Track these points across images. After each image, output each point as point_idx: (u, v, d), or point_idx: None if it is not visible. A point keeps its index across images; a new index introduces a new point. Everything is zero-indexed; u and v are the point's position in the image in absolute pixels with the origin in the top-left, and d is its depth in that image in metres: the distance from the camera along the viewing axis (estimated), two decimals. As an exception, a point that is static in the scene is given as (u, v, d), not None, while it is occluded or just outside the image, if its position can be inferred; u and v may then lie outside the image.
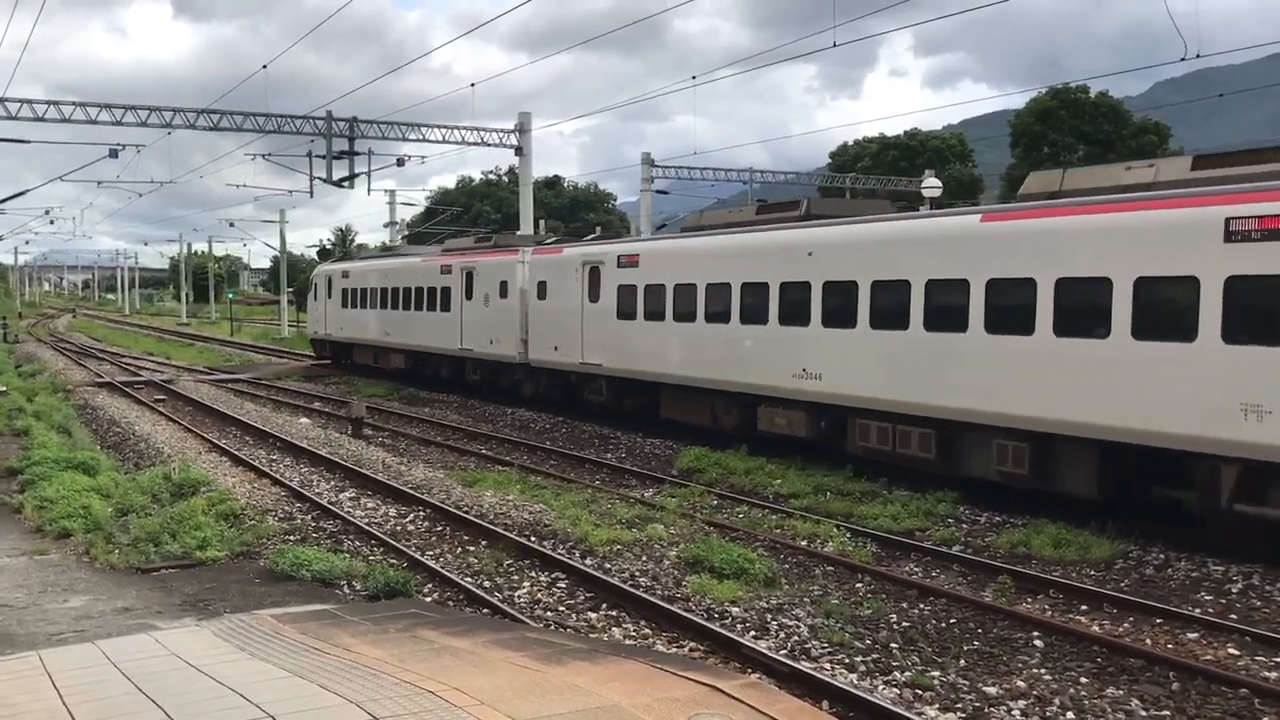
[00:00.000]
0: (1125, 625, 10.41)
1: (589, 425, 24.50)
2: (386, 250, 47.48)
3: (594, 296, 23.79)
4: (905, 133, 73.00)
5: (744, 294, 19.30)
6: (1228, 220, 11.85)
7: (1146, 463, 13.15)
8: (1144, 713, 8.27)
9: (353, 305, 38.52)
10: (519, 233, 36.71)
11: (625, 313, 22.71)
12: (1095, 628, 10.32)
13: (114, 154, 32.25)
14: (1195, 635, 10.07)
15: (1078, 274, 13.54)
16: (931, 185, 35.57)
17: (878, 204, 22.64)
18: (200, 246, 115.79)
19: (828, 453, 18.12)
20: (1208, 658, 9.47)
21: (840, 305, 17.16)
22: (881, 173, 63.00)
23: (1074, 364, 13.48)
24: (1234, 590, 11.51)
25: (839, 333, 17.17)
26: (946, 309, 15.32)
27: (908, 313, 15.87)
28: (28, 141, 32.62)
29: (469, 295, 29.61)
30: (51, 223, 73.37)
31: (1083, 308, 13.50)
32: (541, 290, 25.94)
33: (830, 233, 18.02)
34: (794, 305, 18.13)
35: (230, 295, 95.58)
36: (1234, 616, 10.61)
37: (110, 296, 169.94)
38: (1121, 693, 8.64)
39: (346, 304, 39.17)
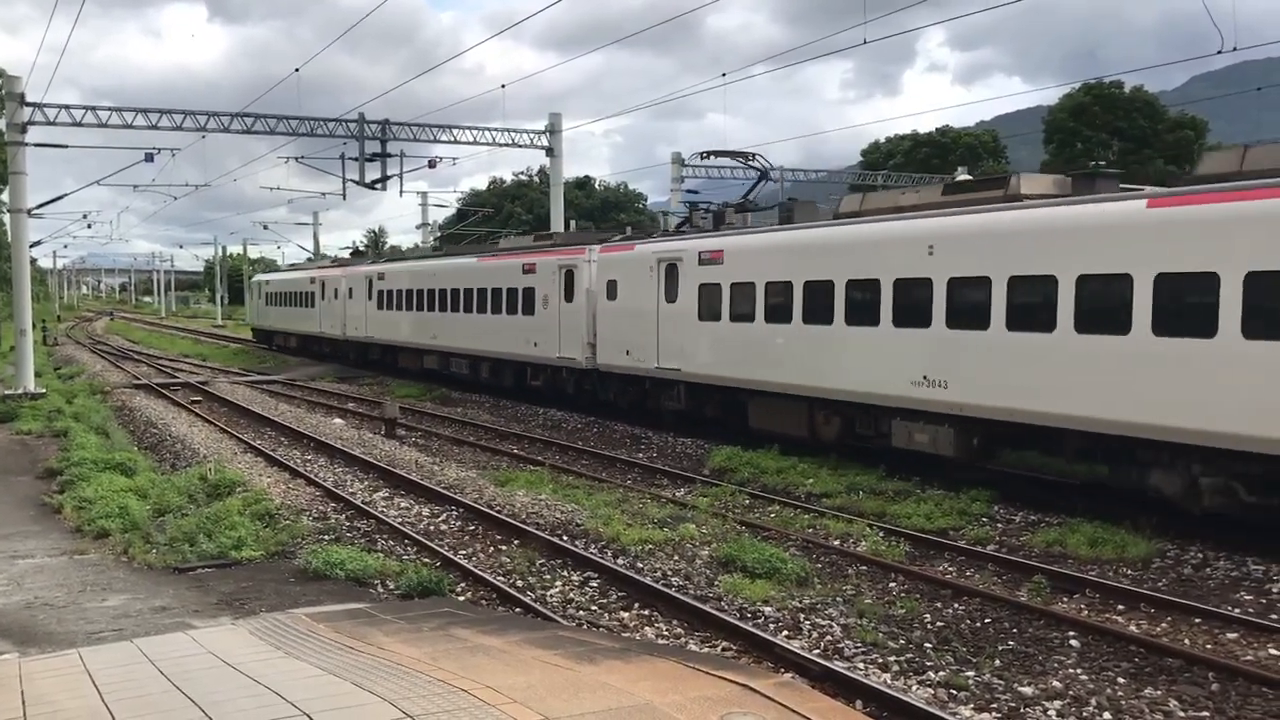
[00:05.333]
0: (1163, 625, 10.30)
1: (620, 425, 24.55)
2: (292, 266, 66.40)
3: (370, 296, 39.05)
4: (937, 129, 72.47)
5: (463, 295, 31.81)
6: (578, 262, 25.74)
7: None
8: (1182, 713, 8.17)
9: (271, 303, 54.99)
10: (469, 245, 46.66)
11: (388, 306, 37.61)
12: (1132, 627, 10.21)
13: (149, 158, 32.57)
14: (1235, 635, 9.94)
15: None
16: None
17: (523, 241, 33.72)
18: (235, 249, 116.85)
19: (859, 453, 18.12)
20: (1248, 658, 9.34)
21: (499, 301, 29.77)
22: (913, 170, 62.49)
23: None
24: (1275, 589, 11.36)
25: (503, 318, 29.57)
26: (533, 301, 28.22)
27: (534, 304, 27.84)
28: (66, 146, 32.80)
29: (335, 296, 43.69)
30: (89, 226, 74.08)
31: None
32: (369, 293, 39.77)
33: (490, 262, 30.81)
34: (469, 301, 31.42)
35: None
36: (1275, 616, 10.46)
37: (147, 299, 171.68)
38: (1159, 693, 8.55)
39: (268, 302, 55.62)
